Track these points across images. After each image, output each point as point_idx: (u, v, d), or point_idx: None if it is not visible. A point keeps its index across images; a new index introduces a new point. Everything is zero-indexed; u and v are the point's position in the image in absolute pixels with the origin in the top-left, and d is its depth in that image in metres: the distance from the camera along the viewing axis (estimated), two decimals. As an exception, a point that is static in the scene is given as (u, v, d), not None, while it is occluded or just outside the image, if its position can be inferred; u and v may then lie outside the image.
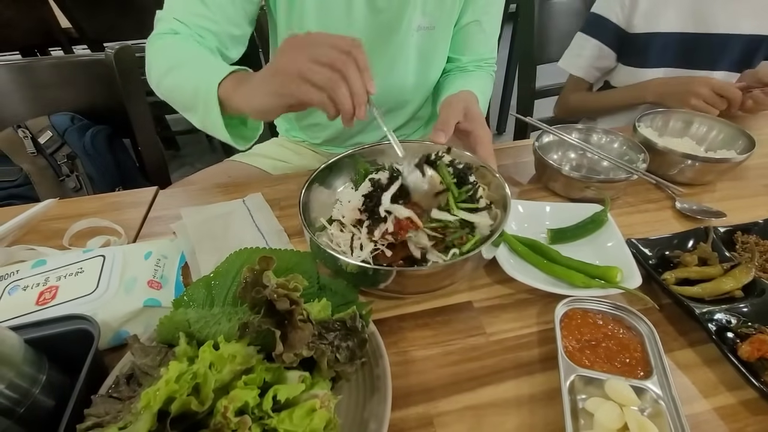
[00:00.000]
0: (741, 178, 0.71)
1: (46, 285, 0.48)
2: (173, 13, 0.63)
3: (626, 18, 0.96)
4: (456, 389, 0.42)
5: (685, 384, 0.42)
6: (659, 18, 0.92)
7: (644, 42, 0.95)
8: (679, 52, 0.93)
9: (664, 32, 0.93)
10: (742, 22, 0.88)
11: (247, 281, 0.35)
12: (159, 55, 0.62)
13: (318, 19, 0.70)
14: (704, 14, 0.89)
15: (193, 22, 0.63)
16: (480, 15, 0.76)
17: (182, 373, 0.30)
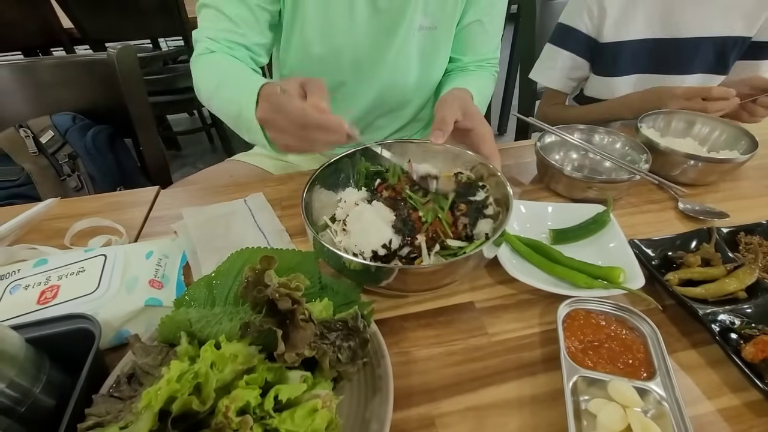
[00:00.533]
0: (744, 178, 0.71)
1: (48, 284, 0.48)
2: (205, 32, 0.68)
3: (596, 28, 0.93)
4: (458, 390, 0.42)
5: (688, 385, 0.42)
6: (629, 25, 0.90)
7: (615, 51, 0.93)
8: (650, 58, 0.92)
9: (635, 39, 0.91)
10: (712, 23, 0.87)
11: (249, 280, 0.35)
12: (201, 78, 0.67)
13: (320, 20, 0.70)
14: (673, 19, 0.88)
15: (223, 37, 0.68)
16: (482, 15, 0.76)
17: (183, 372, 0.30)
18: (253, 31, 0.70)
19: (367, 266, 0.45)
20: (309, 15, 0.70)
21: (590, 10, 0.92)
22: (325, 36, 0.72)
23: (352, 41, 0.73)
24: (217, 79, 0.64)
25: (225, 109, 0.62)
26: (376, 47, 0.74)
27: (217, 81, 0.64)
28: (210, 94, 0.65)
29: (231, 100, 0.59)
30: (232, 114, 0.59)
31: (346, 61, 0.75)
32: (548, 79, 1.04)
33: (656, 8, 0.88)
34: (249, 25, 0.69)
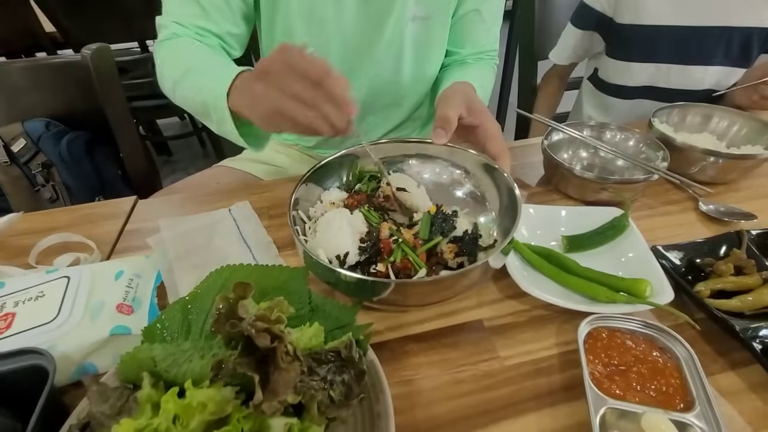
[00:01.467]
0: (765, 175, 0.66)
1: (2, 312, 0.42)
2: (171, 17, 0.63)
3: (612, 8, 0.92)
4: (469, 425, 0.37)
5: (730, 414, 0.37)
6: (649, 8, 0.87)
7: (632, 33, 0.90)
8: (670, 47, 0.88)
9: (655, 25, 0.88)
10: (738, 12, 0.83)
11: (221, 312, 0.30)
12: (166, 65, 0.62)
13: (304, 10, 0.65)
14: (697, 4, 0.84)
15: (192, 23, 0.62)
16: (479, 4, 0.71)
17: (139, 430, 0.24)
18: (224, 19, 0.64)
19: (363, 280, 0.40)
20: (292, 4, 0.64)
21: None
22: (311, 27, 0.66)
23: (339, 32, 0.67)
24: (186, 64, 0.59)
25: (191, 98, 0.57)
26: (365, 38, 0.68)
27: (186, 66, 0.58)
28: (176, 79, 0.59)
29: (196, 90, 0.54)
30: (197, 102, 0.54)
31: (333, 54, 0.69)
32: (561, 59, 1.05)
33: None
34: (221, 12, 0.64)
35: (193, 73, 0.57)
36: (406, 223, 0.52)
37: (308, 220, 0.52)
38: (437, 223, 0.48)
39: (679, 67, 0.89)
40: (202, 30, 0.63)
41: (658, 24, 0.87)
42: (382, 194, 0.54)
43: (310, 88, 0.41)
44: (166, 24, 0.63)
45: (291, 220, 0.46)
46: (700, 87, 0.90)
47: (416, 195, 0.53)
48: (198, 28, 0.63)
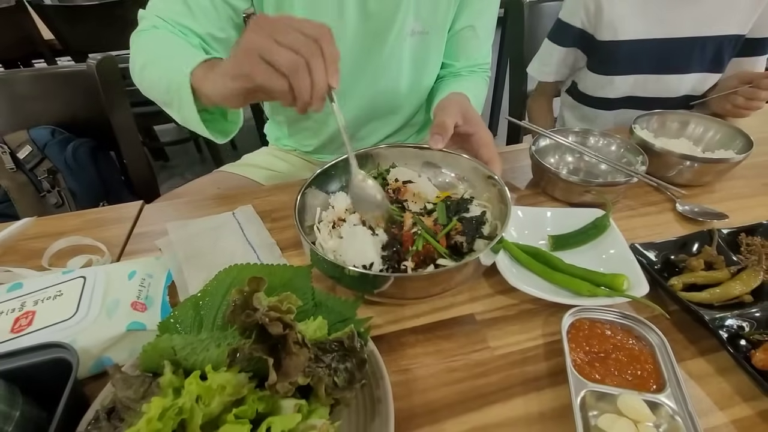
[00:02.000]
0: (739, 177, 0.70)
1: (23, 310, 0.44)
2: (154, 11, 0.61)
3: (592, 25, 0.95)
4: (462, 409, 0.40)
5: (699, 396, 0.40)
6: (626, 26, 0.91)
7: (612, 49, 0.94)
8: (648, 59, 0.93)
9: (633, 39, 0.92)
10: (708, 23, 0.88)
11: (236, 304, 0.33)
12: (138, 51, 0.60)
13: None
14: (670, 19, 0.89)
15: (175, 20, 0.61)
16: (474, 20, 0.75)
17: (166, 408, 0.27)
18: (209, 21, 0.64)
19: (365, 274, 0.44)
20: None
21: (587, 7, 0.93)
22: None
23: (341, 45, 0.71)
24: (155, 52, 0.57)
25: (156, 81, 0.55)
26: (366, 52, 0.72)
27: (154, 54, 0.57)
28: (140, 66, 0.58)
29: (163, 72, 0.53)
30: (163, 83, 0.52)
31: None
32: (542, 74, 1.07)
33: (653, 9, 0.89)
34: (206, 14, 0.63)
35: (162, 58, 0.55)
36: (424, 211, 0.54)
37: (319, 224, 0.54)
38: (452, 207, 0.52)
39: (656, 77, 0.94)
40: (184, 28, 0.62)
41: (635, 38, 0.91)
42: (390, 189, 0.57)
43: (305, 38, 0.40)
44: (148, 16, 0.62)
45: (297, 220, 0.49)
46: (677, 94, 0.95)
47: (421, 184, 0.56)
48: (180, 25, 0.61)
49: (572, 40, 0.99)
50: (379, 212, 0.50)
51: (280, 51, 0.39)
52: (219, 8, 0.64)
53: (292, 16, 0.42)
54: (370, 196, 0.50)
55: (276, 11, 0.67)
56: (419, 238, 0.49)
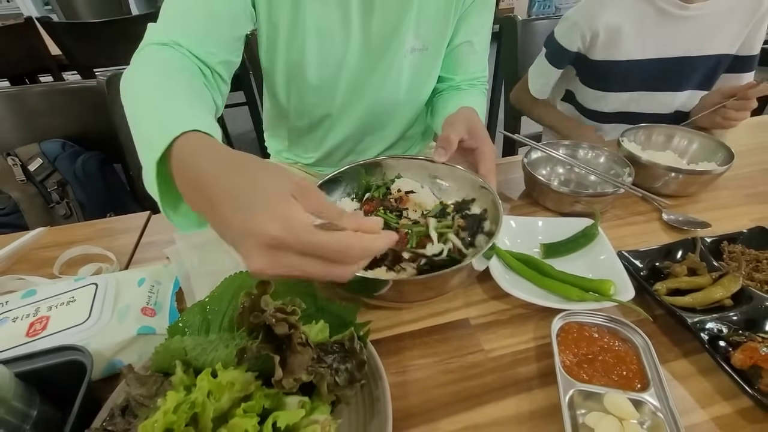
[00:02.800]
0: (723, 188, 0.73)
1: (37, 315, 0.47)
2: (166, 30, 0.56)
3: (587, 48, 0.99)
4: (456, 408, 0.42)
5: (682, 395, 0.42)
6: (620, 47, 0.95)
7: (606, 68, 0.98)
8: (643, 78, 0.97)
9: (627, 60, 0.96)
10: (699, 44, 0.93)
11: (245, 306, 0.35)
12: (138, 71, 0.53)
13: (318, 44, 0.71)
14: (662, 40, 0.93)
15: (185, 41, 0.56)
16: (471, 36, 0.79)
17: (180, 402, 0.29)
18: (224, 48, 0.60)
19: (365, 278, 0.46)
20: (308, 41, 0.69)
21: (583, 35, 0.97)
22: (322, 63, 0.73)
23: (344, 65, 0.74)
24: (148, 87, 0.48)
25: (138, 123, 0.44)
26: (367, 69, 0.75)
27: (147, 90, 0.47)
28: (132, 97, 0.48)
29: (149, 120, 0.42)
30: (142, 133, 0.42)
31: (339, 82, 0.76)
32: (543, 93, 1.11)
33: (646, 31, 0.93)
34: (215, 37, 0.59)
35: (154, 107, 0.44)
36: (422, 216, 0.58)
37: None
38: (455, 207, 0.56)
39: (650, 94, 0.98)
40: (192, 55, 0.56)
41: (629, 59, 0.96)
42: (392, 198, 0.60)
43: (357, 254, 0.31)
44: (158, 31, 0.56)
45: None
46: (669, 110, 0.99)
47: (423, 194, 0.60)
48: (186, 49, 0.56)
49: (568, 62, 1.04)
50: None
51: (323, 271, 0.31)
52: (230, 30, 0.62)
53: (306, 237, 0.29)
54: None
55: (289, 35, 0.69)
56: (412, 236, 0.52)
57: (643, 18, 0.92)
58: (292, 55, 0.72)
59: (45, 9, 3.17)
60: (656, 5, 0.91)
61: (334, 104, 0.79)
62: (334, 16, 0.68)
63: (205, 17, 0.59)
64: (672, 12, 0.91)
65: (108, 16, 1.75)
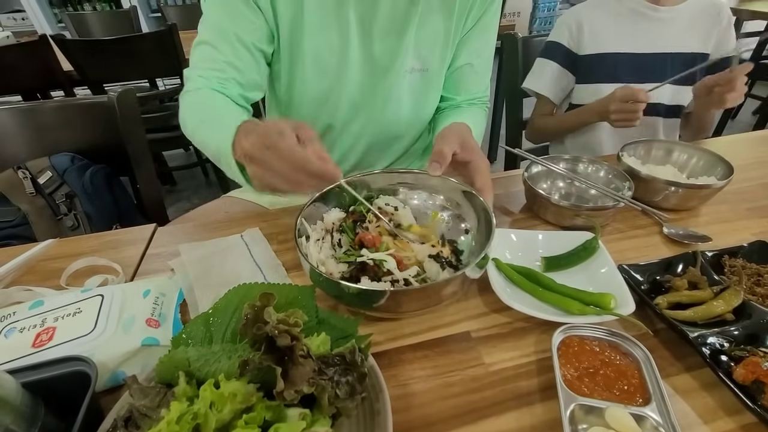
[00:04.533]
0: (723, 202, 0.73)
1: (44, 326, 0.47)
2: (197, 71, 0.70)
3: (576, 43, 1.08)
4: (457, 423, 0.42)
5: (684, 410, 0.42)
6: (604, 40, 1.04)
7: (594, 61, 1.06)
8: (628, 70, 1.04)
9: (611, 53, 1.05)
10: (674, 41, 1.02)
11: (248, 318, 0.35)
12: (187, 114, 0.68)
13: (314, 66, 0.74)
14: (642, 37, 1.03)
15: (215, 76, 0.69)
16: (473, 58, 0.81)
17: (183, 413, 0.30)
18: (249, 69, 0.72)
19: (362, 290, 0.47)
20: (306, 64, 0.73)
21: (570, 28, 1.08)
22: (320, 81, 0.75)
23: (345, 85, 0.76)
24: (201, 115, 0.65)
25: (206, 145, 0.62)
26: (368, 89, 0.77)
27: (201, 117, 0.65)
28: (193, 129, 0.66)
29: (212, 137, 0.60)
30: (212, 150, 0.59)
31: (339, 100, 0.78)
32: (538, 86, 1.15)
33: (625, 27, 1.03)
34: (245, 63, 0.71)
35: (206, 123, 0.63)
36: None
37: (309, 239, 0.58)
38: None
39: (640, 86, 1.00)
40: (224, 80, 0.70)
41: (612, 52, 1.04)
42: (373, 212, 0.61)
43: (296, 172, 0.45)
44: (191, 77, 0.70)
45: (297, 241, 0.52)
46: (659, 101, 1.04)
47: (401, 214, 0.62)
48: (220, 79, 0.69)
49: (561, 57, 1.11)
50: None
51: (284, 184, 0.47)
52: (256, 57, 0.72)
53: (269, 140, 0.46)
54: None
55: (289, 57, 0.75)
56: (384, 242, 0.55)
57: (620, 16, 1.04)
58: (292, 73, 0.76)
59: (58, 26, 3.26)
60: (628, 6, 1.03)
61: (335, 121, 0.81)
62: (333, 36, 0.71)
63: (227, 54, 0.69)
64: (645, 13, 1.02)
65: (119, 33, 1.79)
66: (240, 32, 0.69)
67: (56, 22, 3.34)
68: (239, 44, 0.69)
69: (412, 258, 0.55)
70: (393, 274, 0.53)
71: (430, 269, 0.54)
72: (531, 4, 4.30)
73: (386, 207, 0.62)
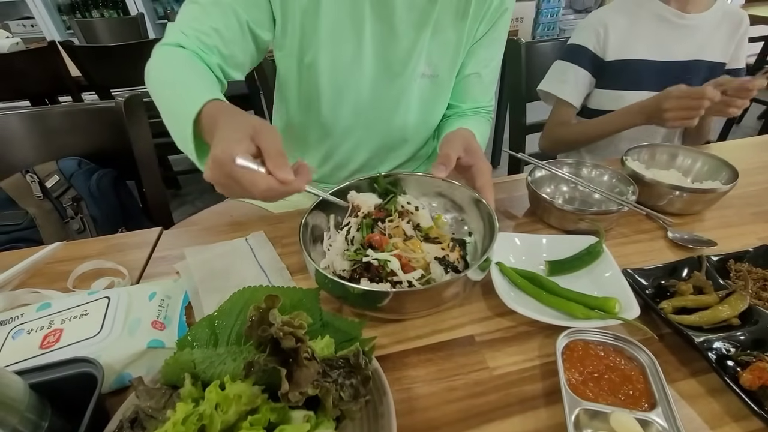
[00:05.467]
0: (728, 207, 0.73)
1: (51, 328, 0.48)
2: (181, 27, 0.65)
3: (602, 47, 1.05)
4: (461, 427, 0.42)
5: (690, 415, 0.42)
6: (630, 47, 1.03)
7: (619, 67, 1.05)
8: (651, 78, 1.04)
9: (636, 59, 1.04)
10: (697, 51, 1.01)
11: (254, 319, 0.36)
12: (159, 66, 0.64)
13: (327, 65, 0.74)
14: (666, 44, 1.02)
15: (201, 40, 0.65)
16: (480, 68, 0.82)
17: (189, 414, 0.30)
18: (236, 45, 0.68)
19: (367, 291, 0.47)
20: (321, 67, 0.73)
21: (597, 31, 1.05)
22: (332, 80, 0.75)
23: (357, 88, 0.77)
24: (171, 74, 0.62)
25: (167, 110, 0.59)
26: (379, 93, 0.78)
27: (170, 77, 0.61)
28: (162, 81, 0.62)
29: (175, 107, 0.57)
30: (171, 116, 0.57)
31: (349, 101, 0.79)
32: (560, 91, 1.10)
33: (651, 36, 1.02)
34: (235, 39, 0.67)
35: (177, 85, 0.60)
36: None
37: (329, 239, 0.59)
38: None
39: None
40: (209, 47, 0.65)
41: (638, 59, 1.03)
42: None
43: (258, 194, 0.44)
44: (173, 31, 0.65)
45: (301, 243, 0.52)
46: None
47: (421, 214, 0.60)
48: (205, 45, 0.65)
49: (587, 62, 1.07)
50: None
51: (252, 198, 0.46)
52: (245, 32, 0.69)
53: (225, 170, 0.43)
54: None
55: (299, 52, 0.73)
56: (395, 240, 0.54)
57: (647, 23, 1.02)
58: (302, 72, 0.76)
59: (67, 33, 3.31)
60: (656, 13, 1.01)
61: (342, 122, 0.82)
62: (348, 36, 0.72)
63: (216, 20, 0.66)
64: (671, 20, 1.00)
65: (126, 39, 1.82)
66: (237, 5, 0.66)
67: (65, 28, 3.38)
68: (233, 15, 0.66)
69: (421, 260, 0.55)
70: (396, 275, 0.52)
71: (435, 271, 0.54)
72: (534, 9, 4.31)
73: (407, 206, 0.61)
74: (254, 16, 0.68)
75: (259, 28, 0.70)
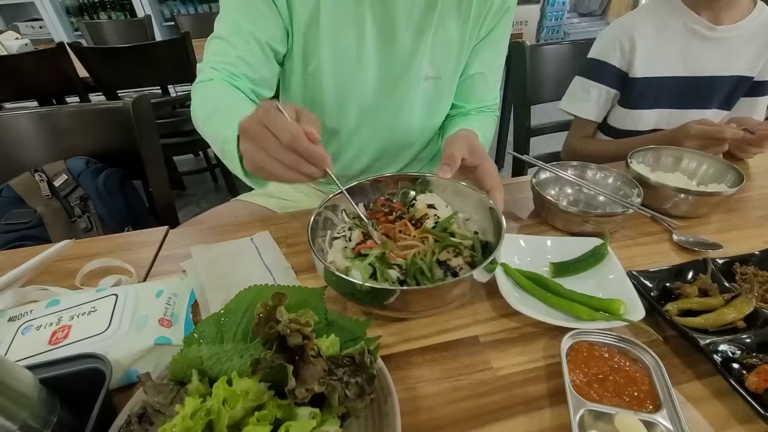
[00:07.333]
0: (734, 210, 0.73)
1: (59, 324, 0.48)
2: (210, 63, 0.70)
3: (627, 62, 0.99)
4: (466, 426, 0.42)
5: (695, 418, 0.42)
6: (657, 62, 0.97)
7: (644, 85, 0.99)
8: (673, 95, 0.99)
9: (661, 76, 0.98)
10: (724, 64, 0.96)
11: (261, 317, 0.36)
12: (197, 105, 0.69)
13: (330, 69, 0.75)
14: (693, 58, 0.96)
15: (227, 69, 0.70)
16: (484, 68, 0.82)
17: (196, 409, 0.30)
18: (260, 66, 0.72)
19: (374, 288, 0.47)
20: (322, 64, 0.74)
21: (622, 45, 0.97)
22: (335, 84, 0.76)
23: (360, 91, 0.77)
24: (211, 106, 0.66)
25: (215, 134, 0.61)
26: (382, 95, 0.78)
27: (213, 106, 0.65)
28: (204, 119, 0.66)
29: (221, 126, 0.59)
30: (219, 140, 0.58)
31: (352, 105, 0.79)
32: (584, 111, 1.07)
33: (678, 48, 0.96)
34: (257, 59, 0.71)
35: (215, 115, 0.63)
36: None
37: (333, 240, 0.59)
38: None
39: (679, 112, 0.99)
40: (234, 75, 0.70)
41: (662, 75, 0.98)
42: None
43: (285, 150, 0.46)
44: (204, 69, 0.71)
45: (310, 242, 0.52)
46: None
47: (443, 215, 0.59)
48: (231, 74, 0.70)
49: (610, 78, 1.01)
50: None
51: (275, 166, 0.48)
52: (267, 52, 0.73)
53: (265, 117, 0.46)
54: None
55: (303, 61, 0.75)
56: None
57: (675, 36, 0.95)
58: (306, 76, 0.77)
59: (75, 35, 3.35)
60: (687, 25, 0.94)
61: (346, 125, 0.82)
62: (350, 39, 0.72)
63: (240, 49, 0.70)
64: (701, 32, 0.93)
65: (133, 41, 1.84)
66: (255, 29, 0.70)
67: (73, 30, 3.42)
68: (253, 41, 0.70)
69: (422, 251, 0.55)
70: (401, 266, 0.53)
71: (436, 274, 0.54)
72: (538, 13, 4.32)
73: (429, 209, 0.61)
74: (271, 33, 0.71)
75: (277, 44, 0.73)
